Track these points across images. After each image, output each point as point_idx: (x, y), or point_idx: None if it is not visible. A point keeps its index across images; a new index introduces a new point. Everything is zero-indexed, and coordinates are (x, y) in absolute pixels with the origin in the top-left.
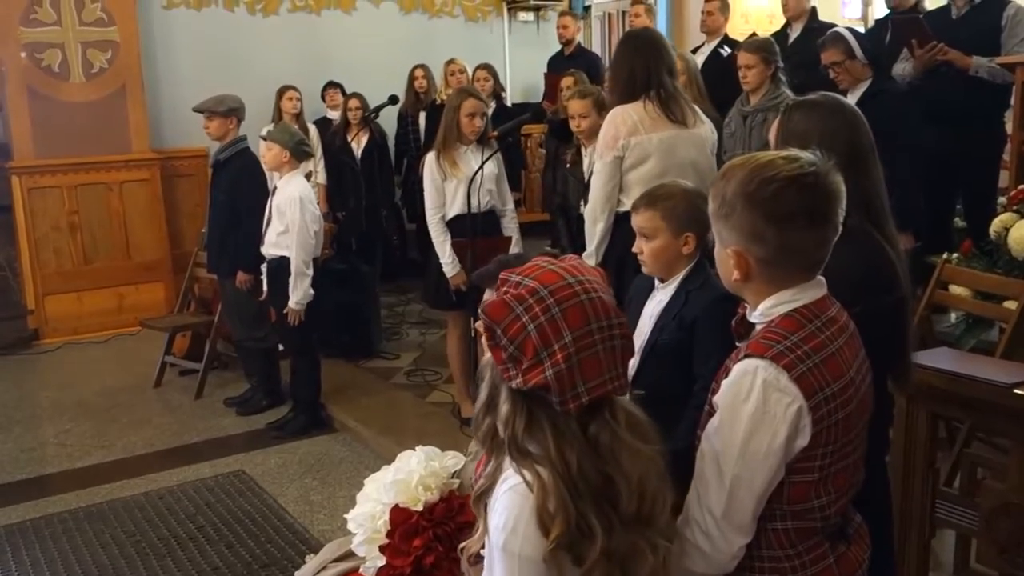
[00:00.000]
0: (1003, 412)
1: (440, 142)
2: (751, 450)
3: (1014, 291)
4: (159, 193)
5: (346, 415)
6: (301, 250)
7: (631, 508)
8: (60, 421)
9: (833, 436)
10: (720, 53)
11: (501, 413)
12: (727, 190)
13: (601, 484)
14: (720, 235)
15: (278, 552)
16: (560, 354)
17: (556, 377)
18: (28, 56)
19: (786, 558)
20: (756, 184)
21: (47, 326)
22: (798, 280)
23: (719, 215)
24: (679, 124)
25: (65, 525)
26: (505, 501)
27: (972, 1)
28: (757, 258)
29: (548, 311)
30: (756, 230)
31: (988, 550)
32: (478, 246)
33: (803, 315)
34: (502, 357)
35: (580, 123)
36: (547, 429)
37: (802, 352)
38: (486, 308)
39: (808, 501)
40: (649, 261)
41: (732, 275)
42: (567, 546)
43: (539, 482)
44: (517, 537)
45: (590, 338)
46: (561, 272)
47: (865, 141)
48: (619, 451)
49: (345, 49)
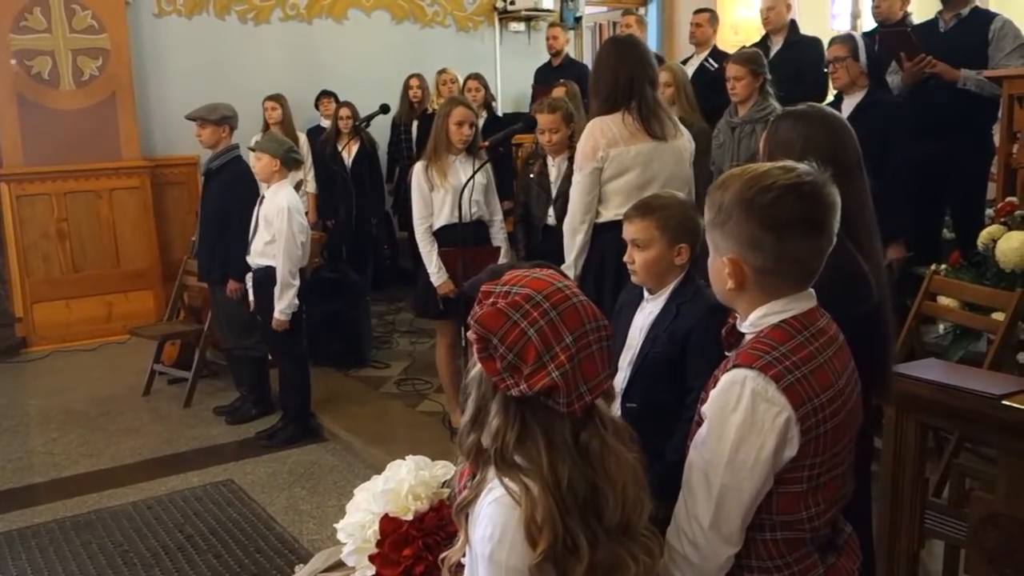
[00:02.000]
0: (991, 423)
1: (430, 151)
2: (739, 460)
3: (1002, 302)
4: (149, 201)
5: (336, 424)
6: (287, 260)
7: (616, 518)
8: (48, 430)
9: (822, 447)
10: (707, 66)
11: (492, 426)
12: (724, 198)
13: (588, 495)
14: (715, 244)
15: (267, 562)
16: (563, 355)
17: (563, 378)
18: (18, 63)
19: (775, 568)
20: (754, 191)
21: (35, 334)
22: (792, 290)
23: (715, 223)
24: (658, 139)
25: (52, 535)
26: (491, 512)
27: (959, 14)
28: (753, 267)
29: (547, 315)
30: (753, 238)
31: (977, 561)
32: (467, 256)
33: (793, 326)
34: (497, 367)
35: (551, 137)
36: (540, 440)
37: (791, 363)
38: (479, 319)
39: (797, 512)
40: (641, 271)
41: (727, 284)
42: (552, 559)
43: (527, 494)
44: (504, 547)
45: (586, 339)
46: (546, 279)
47: (850, 153)
48: (607, 458)
49: (336, 58)
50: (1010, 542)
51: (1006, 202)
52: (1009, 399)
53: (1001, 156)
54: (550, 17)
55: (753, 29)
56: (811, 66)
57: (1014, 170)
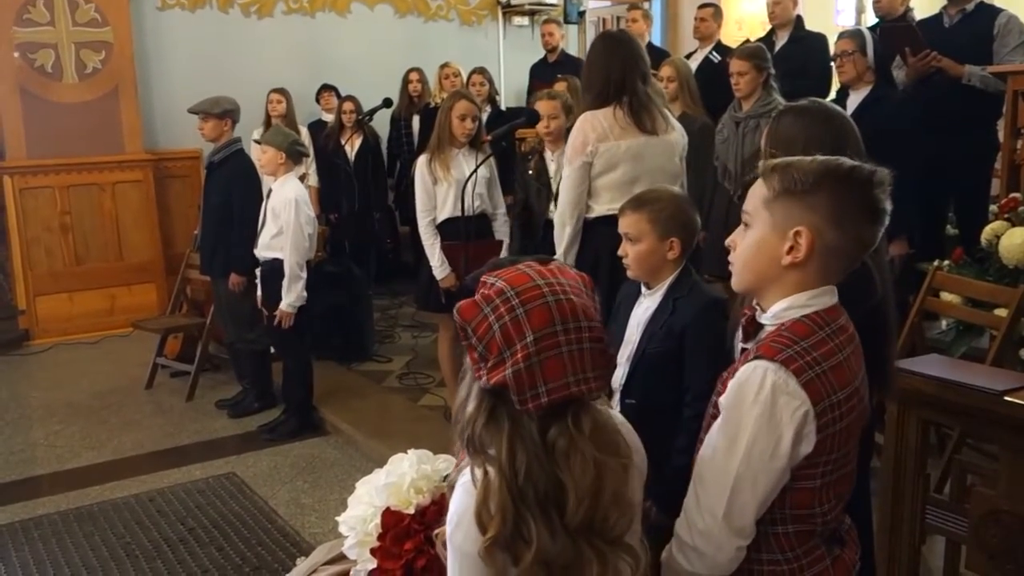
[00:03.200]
0: (993, 419)
1: (433, 145)
2: (756, 452)
3: (1005, 298)
4: (152, 194)
5: (338, 418)
6: (295, 252)
7: (578, 516)
8: (50, 422)
9: (837, 444)
10: (712, 60)
11: (466, 412)
12: (806, 172)
13: (551, 489)
14: (779, 215)
15: (269, 555)
16: (520, 353)
17: (515, 376)
18: (21, 56)
19: (785, 561)
20: (847, 168)
21: (38, 327)
22: (831, 281)
23: (790, 192)
24: (649, 133)
25: (55, 527)
26: (457, 495)
27: (964, 10)
28: (826, 243)
29: (513, 311)
30: (844, 212)
31: (978, 557)
32: (469, 250)
33: (814, 321)
34: (475, 356)
35: (549, 124)
36: (504, 430)
37: (811, 358)
38: (460, 308)
39: (810, 507)
40: (633, 265)
41: (781, 260)
42: (504, 546)
43: (484, 481)
44: (460, 531)
45: (554, 339)
46: (532, 275)
47: (851, 150)
48: (573, 457)
49: (339, 52)
50: (1011, 538)
51: (1010, 198)
52: (1011, 395)
53: (1005, 152)
54: (553, 12)
55: (757, 24)
56: (816, 61)
57: (1018, 166)
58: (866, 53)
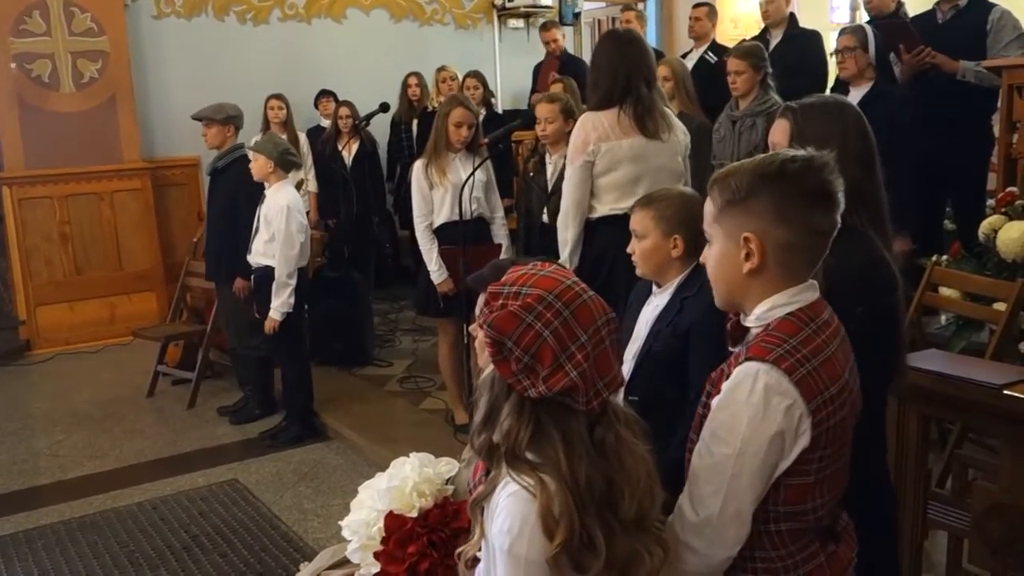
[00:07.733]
0: (993, 413)
1: (430, 149)
2: (750, 452)
3: (1003, 293)
4: (150, 202)
5: (340, 423)
6: (284, 260)
7: (631, 512)
8: (52, 432)
9: (831, 438)
10: (707, 59)
11: (503, 427)
12: (740, 179)
13: (605, 490)
14: (731, 226)
15: (272, 561)
16: (580, 354)
17: (581, 377)
18: (18, 66)
19: (779, 558)
20: (776, 166)
21: (39, 337)
22: (801, 277)
23: (731, 203)
24: (651, 137)
25: (58, 536)
26: (509, 505)
27: (957, 6)
28: (777, 243)
29: (560, 315)
30: (780, 209)
31: (980, 551)
32: (468, 254)
33: (800, 318)
34: (512, 370)
35: (546, 127)
36: (556, 439)
37: (802, 355)
38: (493, 323)
39: (803, 503)
40: (640, 261)
41: (742, 268)
42: (569, 552)
43: (543, 487)
44: (523, 540)
45: (599, 334)
46: (557, 277)
47: (872, 142)
48: (623, 452)
49: (336, 57)
50: (1013, 532)
51: (1006, 192)
52: (1011, 389)
53: (1001, 146)
54: (548, 14)
55: (752, 22)
56: (811, 59)
57: (1014, 160)
58: (868, 49)
